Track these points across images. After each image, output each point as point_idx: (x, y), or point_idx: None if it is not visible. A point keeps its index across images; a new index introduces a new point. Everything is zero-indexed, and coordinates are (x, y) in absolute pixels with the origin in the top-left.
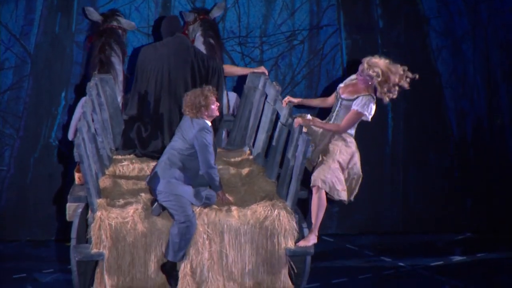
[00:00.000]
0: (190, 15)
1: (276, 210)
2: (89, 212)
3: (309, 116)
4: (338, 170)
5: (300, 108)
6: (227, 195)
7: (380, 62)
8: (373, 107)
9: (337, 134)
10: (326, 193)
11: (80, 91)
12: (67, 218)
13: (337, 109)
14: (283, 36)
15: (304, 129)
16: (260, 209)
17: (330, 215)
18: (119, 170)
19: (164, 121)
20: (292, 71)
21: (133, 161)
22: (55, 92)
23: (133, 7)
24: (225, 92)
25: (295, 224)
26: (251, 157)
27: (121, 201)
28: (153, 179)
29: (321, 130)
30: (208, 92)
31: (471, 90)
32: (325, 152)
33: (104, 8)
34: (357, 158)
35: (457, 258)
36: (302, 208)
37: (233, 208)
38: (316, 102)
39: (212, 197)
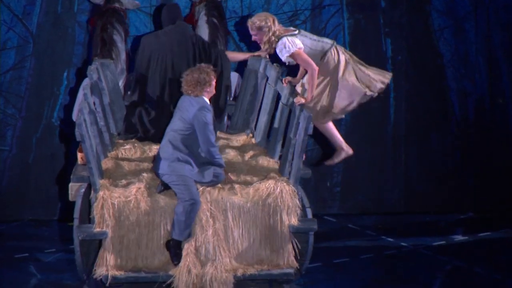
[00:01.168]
0: None
1: (278, 187)
2: (92, 192)
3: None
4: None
5: None
6: (229, 174)
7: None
8: (280, 44)
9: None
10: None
11: (82, 72)
12: (70, 198)
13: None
14: (285, 16)
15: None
16: (262, 187)
17: (332, 195)
18: (122, 153)
19: (167, 108)
20: None
21: (135, 144)
22: (57, 72)
23: None
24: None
25: (298, 201)
26: (253, 140)
27: (124, 181)
28: (156, 163)
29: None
30: (208, 68)
31: (473, 71)
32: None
33: None
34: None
35: (459, 238)
36: (304, 189)
37: (236, 186)
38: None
39: (220, 175)
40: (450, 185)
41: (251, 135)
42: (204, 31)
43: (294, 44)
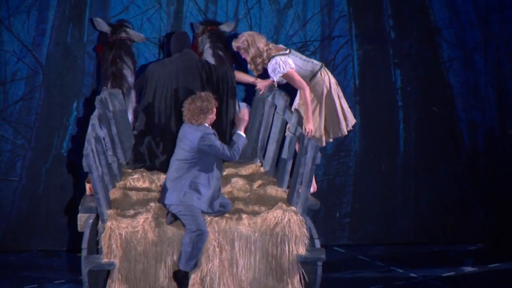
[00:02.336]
0: (199, 27)
1: (286, 217)
2: (100, 222)
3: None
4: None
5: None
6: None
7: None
8: (274, 64)
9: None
10: None
11: (92, 103)
12: (78, 228)
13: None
14: (295, 47)
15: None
16: (270, 216)
17: (341, 225)
18: (130, 183)
19: (175, 136)
20: None
21: (144, 174)
22: (66, 102)
23: (145, 18)
24: (236, 101)
25: (305, 231)
26: (262, 168)
27: (131, 212)
28: (163, 194)
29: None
30: (208, 96)
31: (482, 101)
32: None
33: (116, 18)
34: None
35: (469, 268)
36: (313, 220)
37: (244, 216)
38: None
39: (227, 205)
40: (460, 216)
41: (259, 164)
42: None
43: (287, 64)
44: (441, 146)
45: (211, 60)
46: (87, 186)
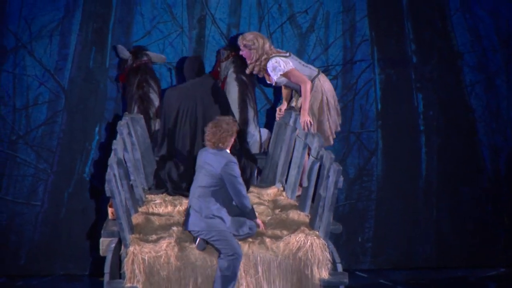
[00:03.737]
0: (224, 53)
1: (309, 241)
2: (122, 247)
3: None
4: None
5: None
6: (262, 222)
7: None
8: (275, 63)
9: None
10: None
11: (114, 127)
12: (101, 253)
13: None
14: None
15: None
16: (293, 240)
17: (363, 250)
18: (152, 208)
19: (195, 162)
20: None
21: (166, 199)
22: (88, 127)
23: (167, 42)
24: (257, 128)
25: (328, 255)
26: (284, 193)
27: (154, 236)
28: (189, 222)
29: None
30: (231, 118)
31: (504, 125)
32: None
33: (138, 43)
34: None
35: None
36: (335, 244)
37: (267, 240)
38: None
39: (254, 227)
40: (481, 240)
41: (281, 188)
42: (233, 88)
43: (288, 63)
44: (463, 170)
45: (234, 85)
46: (109, 210)
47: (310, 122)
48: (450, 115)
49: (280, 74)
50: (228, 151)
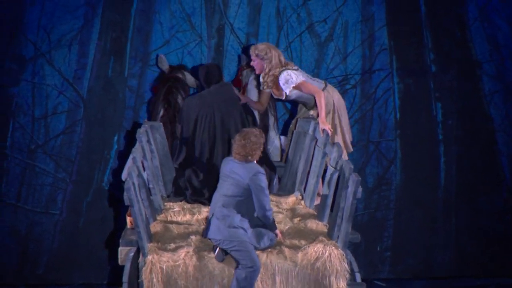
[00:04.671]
0: (245, 59)
1: (327, 251)
2: (141, 256)
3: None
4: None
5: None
6: (281, 233)
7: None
8: (286, 75)
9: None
10: None
11: (133, 136)
12: (119, 262)
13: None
14: (335, 80)
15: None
16: (311, 251)
17: (382, 259)
18: (171, 216)
19: (217, 168)
20: None
21: (185, 207)
22: (107, 136)
23: (185, 51)
24: (277, 135)
25: (346, 265)
26: (302, 202)
27: (172, 245)
28: (210, 231)
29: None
30: (258, 130)
31: None
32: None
33: (157, 52)
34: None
35: None
36: (353, 253)
37: (285, 249)
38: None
39: (273, 239)
40: (501, 249)
41: (300, 197)
42: (254, 95)
43: (299, 75)
44: (482, 180)
45: (255, 92)
46: (128, 219)
47: (330, 129)
48: (469, 125)
49: (293, 87)
50: (255, 162)
